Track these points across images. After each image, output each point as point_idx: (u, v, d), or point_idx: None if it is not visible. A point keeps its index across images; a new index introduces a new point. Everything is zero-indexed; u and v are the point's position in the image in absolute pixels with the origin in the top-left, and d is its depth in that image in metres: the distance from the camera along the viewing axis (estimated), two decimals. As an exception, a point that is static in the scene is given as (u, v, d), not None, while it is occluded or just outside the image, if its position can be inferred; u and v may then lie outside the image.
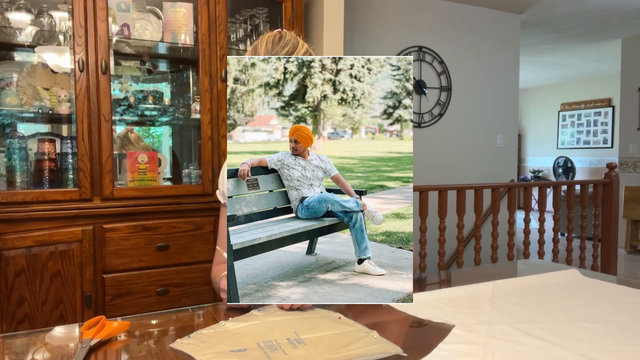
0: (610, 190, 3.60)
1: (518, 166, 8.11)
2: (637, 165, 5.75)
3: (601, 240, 3.68)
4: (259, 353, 0.76)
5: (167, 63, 2.59)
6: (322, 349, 0.77)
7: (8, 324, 1.82)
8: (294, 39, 1.08)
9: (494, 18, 4.53)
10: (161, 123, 2.57)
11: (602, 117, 8.31)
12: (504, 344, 0.78)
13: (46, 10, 2.05)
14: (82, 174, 1.94)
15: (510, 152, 4.74)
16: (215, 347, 0.79)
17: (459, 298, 1.02)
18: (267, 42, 1.06)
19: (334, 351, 0.77)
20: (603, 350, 0.76)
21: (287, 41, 1.07)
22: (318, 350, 0.77)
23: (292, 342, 0.80)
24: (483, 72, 4.52)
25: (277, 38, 1.07)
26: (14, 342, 0.85)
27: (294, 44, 1.07)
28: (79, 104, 1.94)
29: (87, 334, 0.80)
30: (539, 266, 1.38)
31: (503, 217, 3.69)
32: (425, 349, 0.76)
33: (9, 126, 2.15)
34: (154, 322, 0.97)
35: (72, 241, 1.91)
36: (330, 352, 0.76)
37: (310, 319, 0.91)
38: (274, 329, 0.86)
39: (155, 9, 2.22)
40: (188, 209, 2.11)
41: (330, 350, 0.77)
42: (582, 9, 4.60)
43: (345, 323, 0.89)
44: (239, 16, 2.42)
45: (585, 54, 6.53)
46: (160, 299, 2.05)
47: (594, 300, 1.02)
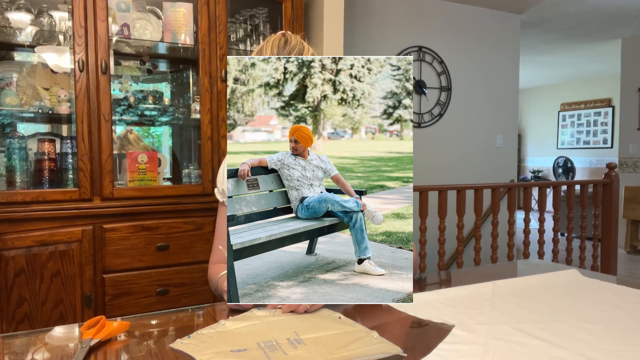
0: (610, 190, 3.60)
1: (518, 166, 8.12)
2: (637, 165, 5.75)
3: (601, 240, 3.68)
4: (259, 353, 0.76)
5: (167, 63, 2.59)
6: (322, 349, 0.77)
7: (8, 324, 1.82)
8: (300, 44, 1.07)
9: (494, 18, 4.53)
10: (161, 123, 2.57)
11: (602, 117, 8.31)
12: (504, 344, 0.78)
13: (46, 10, 2.05)
14: (82, 174, 1.94)
15: (510, 152, 4.74)
16: (215, 347, 0.79)
17: (459, 298, 1.02)
18: (272, 47, 1.05)
19: (334, 351, 0.77)
20: (603, 350, 0.76)
21: (292, 46, 1.06)
22: (318, 351, 0.77)
23: (292, 342, 0.80)
24: (483, 72, 4.52)
25: (282, 42, 1.06)
26: (13, 342, 0.85)
27: (299, 48, 1.06)
28: (79, 104, 1.94)
29: (87, 334, 0.80)
30: (538, 266, 1.38)
31: (503, 217, 3.69)
32: (425, 349, 0.76)
33: (8, 126, 2.15)
34: (153, 322, 0.97)
35: (72, 241, 1.91)
36: (330, 352, 0.76)
37: (311, 319, 0.91)
38: (274, 329, 0.86)
39: (155, 9, 2.22)
40: (188, 209, 2.11)
41: (330, 350, 0.77)
42: (582, 9, 4.60)
43: (345, 323, 0.89)
44: (238, 16, 2.43)
45: (585, 54, 6.53)
46: (160, 299, 2.05)
47: (594, 300, 1.02)
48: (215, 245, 1.27)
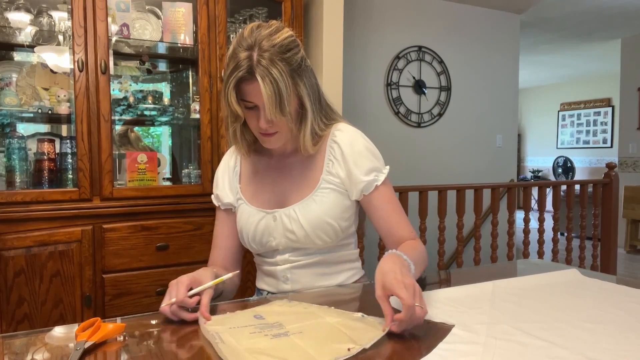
0: (610, 190, 3.60)
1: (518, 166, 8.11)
2: (636, 165, 5.76)
3: (601, 240, 3.68)
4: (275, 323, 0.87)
5: (167, 63, 2.59)
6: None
7: (7, 324, 1.82)
8: (279, 24, 1.07)
9: (494, 18, 4.53)
10: (161, 123, 2.57)
11: (602, 117, 8.31)
12: (504, 344, 0.78)
13: (46, 10, 2.05)
14: (82, 174, 1.94)
15: (510, 152, 4.74)
16: (237, 319, 0.90)
17: (459, 298, 1.02)
18: (252, 27, 1.05)
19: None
20: (603, 350, 0.76)
21: (271, 24, 1.06)
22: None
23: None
24: (483, 72, 4.52)
25: (262, 24, 1.06)
26: (13, 342, 0.85)
27: (277, 27, 1.06)
28: (79, 104, 1.93)
29: (82, 337, 0.79)
30: (538, 266, 1.38)
31: (503, 217, 3.69)
32: (425, 349, 0.76)
33: (8, 126, 2.14)
34: (153, 322, 0.97)
35: (72, 241, 1.91)
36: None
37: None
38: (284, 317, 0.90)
39: (155, 9, 2.22)
40: (187, 209, 2.11)
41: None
42: (582, 9, 4.61)
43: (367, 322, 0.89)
44: (238, 16, 2.42)
45: (585, 54, 6.53)
46: (160, 299, 2.03)
47: (594, 300, 1.02)
48: (211, 249, 1.28)
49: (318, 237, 1.13)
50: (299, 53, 1.06)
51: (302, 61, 1.07)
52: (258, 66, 0.99)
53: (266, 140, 1.11)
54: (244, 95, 1.04)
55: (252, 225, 1.17)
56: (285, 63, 1.02)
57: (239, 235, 1.22)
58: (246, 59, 1.00)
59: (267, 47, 1.00)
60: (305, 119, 1.11)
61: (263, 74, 0.99)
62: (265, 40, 1.01)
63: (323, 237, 1.13)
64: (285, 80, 1.01)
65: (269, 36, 1.02)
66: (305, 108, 1.10)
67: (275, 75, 0.99)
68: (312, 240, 1.13)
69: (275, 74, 0.99)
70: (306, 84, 1.08)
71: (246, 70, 1.00)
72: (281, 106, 1.02)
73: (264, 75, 0.99)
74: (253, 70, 1.00)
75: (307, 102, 1.09)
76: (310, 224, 1.12)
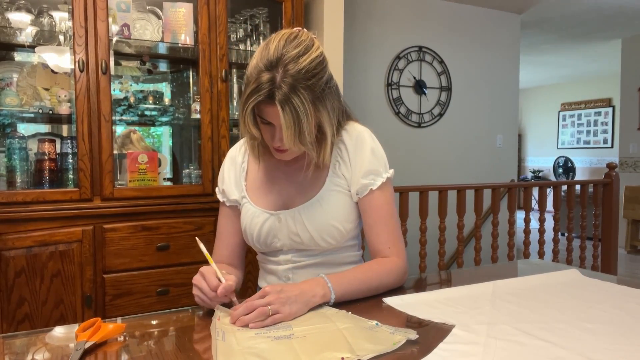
0: (611, 190, 3.60)
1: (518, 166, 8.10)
2: (637, 165, 5.75)
3: (601, 240, 3.68)
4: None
5: (167, 63, 2.59)
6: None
7: (8, 324, 1.82)
8: (309, 40, 1.03)
9: (494, 18, 4.53)
10: (161, 123, 2.57)
11: (602, 117, 8.31)
12: (504, 344, 0.78)
13: (46, 10, 2.05)
14: (82, 174, 1.94)
15: (510, 152, 4.74)
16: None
17: (459, 298, 1.02)
18: (280, 39, 1.00)
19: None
20: (603, 350, 0.76)
21: (300, 41, 1.01)
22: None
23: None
24: (483, 72, 4.52)
25: (291, 36, 1.02)
26: (14, 342, 0.85)
27: (307, 45, 1.02)
28: (79, 104, 1.94)
29: (82, 337, 0.79)
30: (539, 266, 1.38)
31: (503, 217, 3.69)
32: (425, 349, 0.76)
33: (9, 126, 2.15)
34: (153, 322, 0.97)
35: (72, 241, 1.91)
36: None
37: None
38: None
39: (155, 9, 2.22)
40: (188, 209, 2.11)
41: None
42: (582, 9, 4.61)
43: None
44: (239, 16, 2.43)
45: (585, 54, 6.53)
46: (160, 299, 2.05)
47: (594, 300, 1.02)
48: (216, 245, 1.27)
49: (323, 239, 1.13)
50: (324, 75, 1.02)
51: (326, 84, 1.03)
52: (279, 92, 0.95)
53: (279, 154, 1.09)
54: (261, 113, 1.00)
55: (256, 226, 1.17)
56: (309, 91, 0.97)
57: (243, 234, 1.22)
58: (268, 82, 0.95)
59: (292, 71, 0.96)
60: (325, 141, 1.08)
61: (283, 102, 0.95)
62: (292, 63, 0.96)
63: (328, 239, 1.13)
64: (307, 109, 0.97)
65: (296, 58, 0.97)
66: (325, 133, 1.07)
67: (296, 104, 0.95)
68: (316, 243, 1.13)
69: (296, 103, 0.95)
70: (328, 108, 1.04)
71: (267, 95, 0.96)
72: (300, 137, 0.98)
73: (284, 103, 0.95)
74: (274, 96, 0.96)
75: (327, 128, 1.06)
76: (315, 226, 1.12)
